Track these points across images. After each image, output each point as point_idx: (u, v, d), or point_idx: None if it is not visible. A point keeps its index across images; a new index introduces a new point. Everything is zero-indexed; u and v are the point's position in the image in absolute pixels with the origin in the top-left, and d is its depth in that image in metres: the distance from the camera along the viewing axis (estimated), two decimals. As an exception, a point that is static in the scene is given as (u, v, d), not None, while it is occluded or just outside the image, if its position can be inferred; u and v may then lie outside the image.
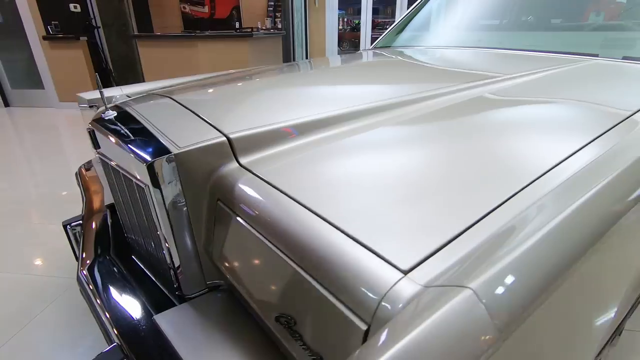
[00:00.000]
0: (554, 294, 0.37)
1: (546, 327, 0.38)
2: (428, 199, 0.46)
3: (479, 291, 0.29)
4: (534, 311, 0.32)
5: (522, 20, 1.55)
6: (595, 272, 0.46)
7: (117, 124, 0.70)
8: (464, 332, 0.26)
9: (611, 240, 0.48)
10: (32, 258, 1.62)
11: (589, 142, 0.60)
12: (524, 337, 0.34)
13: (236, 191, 0.56)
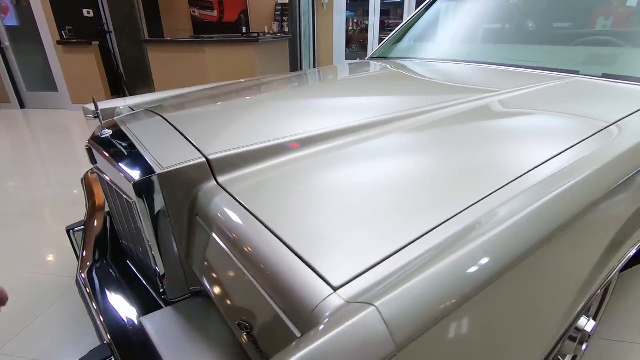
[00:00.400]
0: (471, 307, 0.42)
1: (476, 333, 0.43)
2: (377, 219, 0.52)
3: (383, 309, 0.34)
4: (441, 326, 0.38)
5: (512, 35, 1.59)
6: (531, 284, 0.51)
7: (111, 143, 0.77)
8: (362, 345, 0.32)
9: (544, 257, 0.53)
10: (41, 258, 1.72)
11: (531, 169, 0.65)
12: (450, 344, 0.39)
13: (210, 208, 0.63)
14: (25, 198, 2.33)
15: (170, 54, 4.40)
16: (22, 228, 1.98)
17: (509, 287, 0.49)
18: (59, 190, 2.43)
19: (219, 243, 0.59)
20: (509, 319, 0.50)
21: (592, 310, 1.05)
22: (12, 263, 1.68)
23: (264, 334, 0.47)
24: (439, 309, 0.37)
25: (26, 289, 1.51)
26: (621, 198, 0.67)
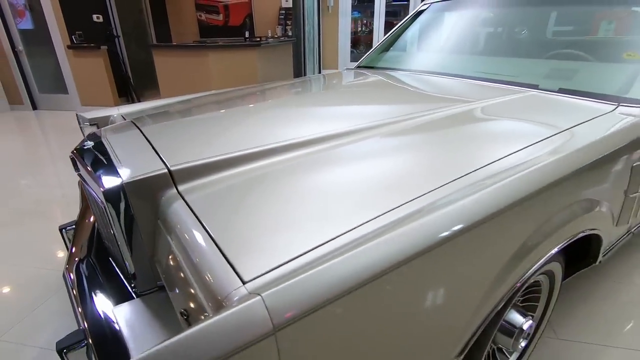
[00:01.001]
0: (355, 299, 0.51)
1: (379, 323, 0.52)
2: (301, 224, 0.61)
3: (267, 298, 0.44)
4: (321, 314, 0.47)
5: (483, 48, 1.66)
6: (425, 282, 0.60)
7: (90, 153, 0.88)
8: (242, 326, 0.41)
9: (438, 255, 0.61)
10: (46, 253, 1.85)
11: (465, 174, 0.73)
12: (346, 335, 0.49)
13: (168, 213, 0.73)
14: (35, 196, 2.48)
15: (174, 59, 4.54)
16: (29, 225, 2.12)
17: (401, 282, 0.57)
18: (66, 190, 2.58)
19: (170, 244, 0.69)
20: (398, 310, 0.59)
21: (537, 312, 1.12)
22: (18, 257, 1.82)
23: (194, 320, 0.56)
24: (319, 300, 0.46)
25: (31, 281, 1.64)
26: (537, 203, 0.75)
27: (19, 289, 1.60)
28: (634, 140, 0.97)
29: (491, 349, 1.06)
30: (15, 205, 2.36)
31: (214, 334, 0.40)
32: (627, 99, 1.13)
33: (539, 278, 1.01)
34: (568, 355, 1.25)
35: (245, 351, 0.41)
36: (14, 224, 2.14)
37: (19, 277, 1.67)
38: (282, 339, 0.44)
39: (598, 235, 0.98)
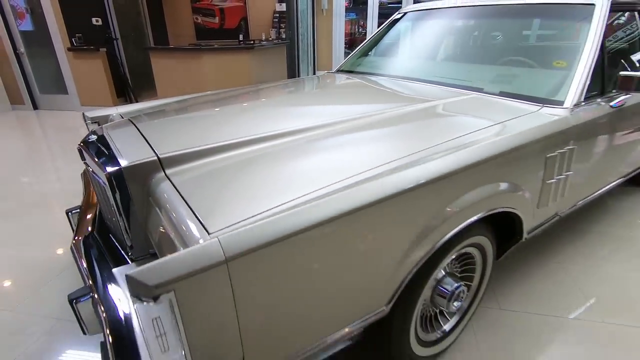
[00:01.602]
0: (291, 245, 0.70)
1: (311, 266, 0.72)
2: (260, 196, 0.79)
3: (223, 239, 0.63)
4: (266, 251, 0.66)
5: (443, 55, 1.86)
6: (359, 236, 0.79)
7: (95, 145, 1.07)
8: (199, 255, 0.60)
9: (364, 222, 0.80)
10: (51, 239, 2.03)
11: (398, 158, 0.92)
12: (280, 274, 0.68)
13: (157, 191, 0.92)
14: (38, 190, 2.66)
15: (171, 61, 4.73)
16: (33, 215, 2.30)
17: (335, 236, 0.77)
18: (65, 185, 2.76)
19: (159, 215, 0.88)
20: (332, 259, 0.78)
21: (474, 281, 1.31)
22: (26, 243, 2.00)
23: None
24: (261, 242, 0.66)
25: (37, 263, 1.83)
26: (458, 180, 0.95)
27: (27, 269, 1.79)
28: (548, 135, 1.17)
29: (433, 312, 1.26)
30: (21, 198, 2.55)
31: (182, 260, 0.59)
32: (550, 101, 1.33)
33: (470, 250, 1.21)
34: (507, 322, 1.45)
35: (206, 273, 0.60)
36: (21, 214, 2.32)
37: (27, 259, 1.86)
38: (233, 268, 0.63)
39: (518, 215, 1.18)
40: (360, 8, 9.11)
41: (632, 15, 1.74)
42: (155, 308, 0.61)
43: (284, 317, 0.75)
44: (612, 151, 1.52)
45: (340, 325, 0.87)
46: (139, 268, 0.57)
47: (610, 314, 1.48)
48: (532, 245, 1.93)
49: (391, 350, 1.09)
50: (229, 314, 0.66)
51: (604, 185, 1.62)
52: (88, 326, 0.96)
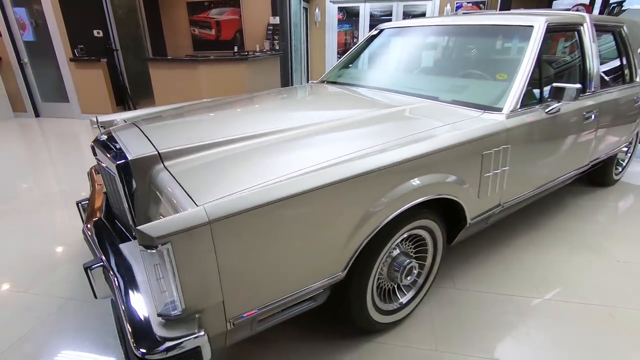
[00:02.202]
0: (265, 213, 0.92)
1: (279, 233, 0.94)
2: (242, 179, 1.01)
3: (207, 207, 0.85)
4: (244, 216, 0.88)
5: (408, 69, 2.11)
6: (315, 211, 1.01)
7: (105, 143, 1.29)
8: (186, 217, 0.82)
9: (325, 200, 1.03)
10: (56, 233, 2.24)
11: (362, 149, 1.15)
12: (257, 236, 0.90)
13: (157, 180, 1.14)
14: (41, 190, 2.87)
15: (168, 71, 4.97)
16: (38, 212, 2.51)
17: (297, 210, 0.99)
18: (67, 185, 2.97)
19: (159, 198, 1.10)
20: (296, 227, 1.00)
21: (427, 260, 1.53)
22: (35, 235, 2.20)
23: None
24: (239, 210, 0.88)
25: (46, 252, 2.03)
26: (404, 169, 1.17)
27: (36, 259, 1.99)
28: (483, 135, 1.40)
29: (391, 287, 1.47)
30: (27, 198, 2.75)
31: (176, 220, 0.81)
32: (491, 108, 1.57)
33: (420, 233, 1.43)
34: (461, 299, 1.67)
35: (194, 230, 0.82)
36: (27, 212, 2.52)
37: (35, 250, 2.06)
38: (214, 228, 0.85)
39: (460, 203, 1.41)
40: (353, 20, 9.48)
41: (573, 34, 2.00)
42: (156, 256, 0.82)
43: (256, 271, 0.97)
44: (549, 152, 1.76)
45: (303, 283, 1.08)
46: (146, 225, 0.79)
47: (548, 291, 1.71)
48: (491, 235, 2.16)
49: (352, 313, 1.30)
50: (212, 265, 0.88)
51: (546, 182, 1.85)
52: (98, 291, 1.17)
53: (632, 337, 1.46)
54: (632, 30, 2.43)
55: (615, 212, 2.46)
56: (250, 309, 1.00)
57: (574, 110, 1.83)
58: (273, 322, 1.12)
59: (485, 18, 1.94)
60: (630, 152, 2.87)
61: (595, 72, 2.01)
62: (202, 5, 6.82)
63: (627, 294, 1.70)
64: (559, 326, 1.51)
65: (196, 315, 0.91)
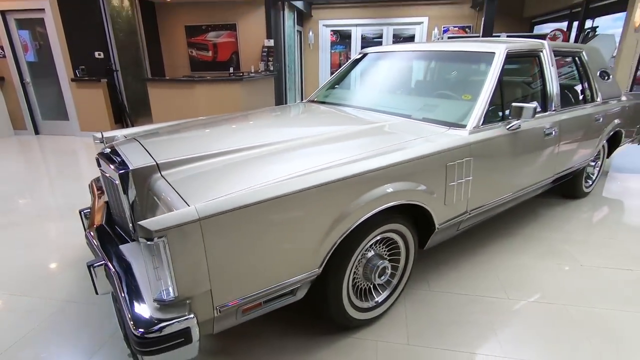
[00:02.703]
0: (247, 214, 1.08)
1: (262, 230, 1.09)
2: (232, 184, 1.17)
3: (198, 207, 1.00)
4: (230, 216, 1.04)
5: (386, 89, 2.31)
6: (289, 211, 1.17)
7: (108, 155, 1.45)
8: (179, 215, 0.97)
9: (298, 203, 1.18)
10: (55, 242, 2.36)
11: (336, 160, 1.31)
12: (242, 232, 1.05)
13: (155, 187, 1.29)
14: (40, 205, 2.99)
15: (166, 90, 5.18)
16: (38, 225, 2.63)
17: (280, 207, 1.14)
18: (66, 199, 3.10)
19: (157, 201, 1.25)
20: (278, 227, 1.15)
21: (400, 262, 1.68)
22: (36, 245, 2.32)
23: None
24: (226, 209, 1.03)
25: (47, 260, 2.15)
26: (375, 177, 1.33)
27: (39, 265, 2.11)
28: (447, 149, 1.58)
29: (367, 287, 1.61)
30: (27, 211, 2.87)
31: (171, 217, 0.96)
32: (457, 125, 1.76)
33: (392, 236, 1.58)
34: (434, 300, 1.80)
35: (187, 226, 0.97)
36: (28, 224, 2.64)
37: (36, 258, 2.18)
38: (204, 225, 1.00)
39: (427, 210, 1.57)
40: (346, 42, 9.89)
41: (533, 59, 2.22)
42: (153, 247, 0.96)
43: (240, 264, 1.11)
44: (512, 164, 1.94)
45: (283, 277, 1.22)
46: (146, 220, 0.95)
47: (514, 292, 1.85)
48: (465, 242, 2.31)
49: (330, 309, 1.44)
50: (201, 257, 1.03)
51: (511, 192, 2.02)
52: (99, 287, 1.30)
53: (585, 330, 1.60)
54: (591, 56, 2.67)
55: (583, 222, 2.64)
56: (235, 298, 1.14)
57: (535, 127, 2.03)
58: (256, 313, 1.25)
59: (454, 45, 2.15)
60: (599, 166, 3.07)
61: (555, 93, 2.22)
62: (200, 29, 7.13)
63: (585, 293, 1.85)
64: (521, 323, 1.65)
65: (187, 301, 1.04)
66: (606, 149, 3.04)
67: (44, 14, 5.23)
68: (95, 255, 1.40)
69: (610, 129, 2.75)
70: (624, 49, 4.97)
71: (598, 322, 1.66)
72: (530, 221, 2.64)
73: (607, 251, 2.24)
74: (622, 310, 1.73)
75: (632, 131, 3.21)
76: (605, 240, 2.37)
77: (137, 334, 0.97)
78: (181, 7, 6.99)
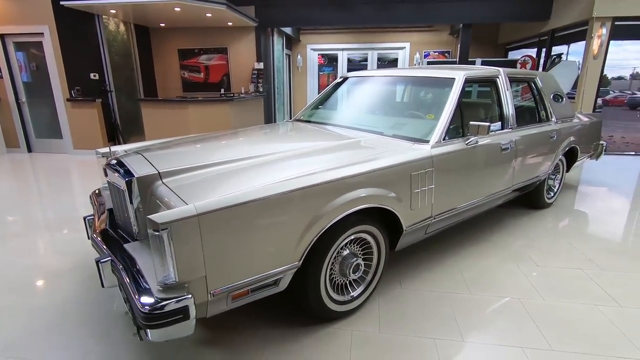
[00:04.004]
0: (239, 211, 1.29)
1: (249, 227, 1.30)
2: (226, 188, 1.38)
3: (197, 204, 1.21)
4: (223, 213, 1.25)
5: (362, 109, 2.58)
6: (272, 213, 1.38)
7: (115, 166, 1.66)
8: (178, 212, 1.18)
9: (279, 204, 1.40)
10: (53, 251, 2.50)
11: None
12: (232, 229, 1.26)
13: (157, 192, 1.50)
14: (36, 218, 3.13)
15: (159, 110, 5.41)
16: (37, 236, 2.77)
17: (265, 207, 1.36)
18: (62, 214, 3.24)
19: (160, 205, 1.45)
20: (264, 223, 1.37)
21: (373, 261, 1.89)
22: (35, 254, 2.46)
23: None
24: (220, 207, 1.24)
25: (46, 268, 2.29)
26: (348, 183, 1.56)
27: (40, 271, 2.25)
28: (410, 160, 1.83)
29: (344, 282, 1.81)
30: (24, 223, 3.01)
31: (174, 213, 1.17)
32: (420, 140, 2.02)
33: (364, 236, 1.80)
34: (406, 297, 2.01)
35: (187, 220, 1.18)
36: (26, 235, 2.78)
37: (36, 266, 2.32)
38: (201, 220, 1.21)
39: (395, 213, 1.80)
40: (334, 64, 10.34)
41: (491, 84, 2.53)
42: (159, 238, 1.16)
43: (231, 255, 1.31)
44: (472, 175, 2.20)
45: (268, 268, 1.43)
46: (154, 214, 1.15)
47: (476, 289, 2.07)
48: (436, 248, 2.54)
49: (309, 300, 1.64)
50: (198, 247, 1.23)
51: (472, 200, 2.27)
52: (106, 280, 1.48)
53: (536, 319, 1.82)
54: (545, 81, 3.01)
55: (545, 230, 2.90)
56: (226, 284, 1.33)
57: (492, 143, 2.31)
58: (244, 300, 1.44)
59: (422, 71, 2.45)
60: (559, 179, 3.37)
61: (511, 113, 2.52)
62: (193, 52, 7.45)
63: (538, 288, 2.08)
64: (482, 314, 1.86)
65: (185, 284, 1.24)
66: (564, 164, 3.35)
67: (43, 37, 5.47)
68: (101, 253, 1.58)
69: (566, 145, 3.07)
70: (587, 74, 5.43)
71: (547, 312, 1.88)
72: (497, 229, 2.89)
73: (564, 255, 2.49)
74: (570, 302, 1.96)
75: (589, 147, 3.55)
76: (564, 246, 2.63)
77: (143, 310, 1.16)
78: (174, 32, 7.32)
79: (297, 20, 7.12)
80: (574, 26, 5.86)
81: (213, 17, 6.12)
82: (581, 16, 5.40)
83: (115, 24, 6.09)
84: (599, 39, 5.27)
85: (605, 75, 5.66)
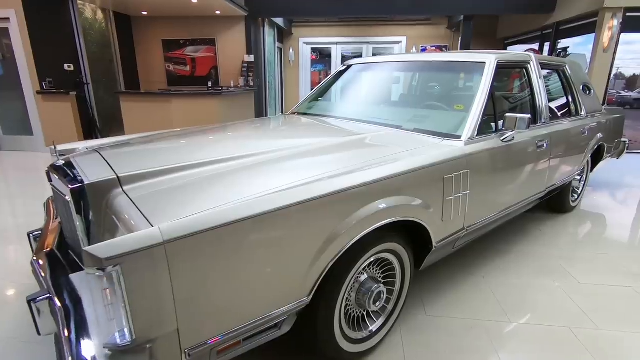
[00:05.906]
0: (214, 237, 0.90)
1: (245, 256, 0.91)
2: (195, 203, 0.99)
3: (162, 227, 0.82)
4: (194, 239, 0.86)
5: (374, 101, 2.21)
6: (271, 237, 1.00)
7: (61, 168, 1.25)
8: (141, 237, 0.79)
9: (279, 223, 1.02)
10: (4, 270, 2.07)
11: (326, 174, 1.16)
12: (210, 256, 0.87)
13: (114, 204, 1.10)
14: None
15: (139, 104, 4.95)
16: None
17: (261, 228, 0.97)
18: (20, 220, 2.80)
19: (115, 222, 1.05)
20: (257, 250, 0.98)
21: (396, 285, 1.52)
22: (-22, 274, 2.03)
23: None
24: (190, 232, 0.85)
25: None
26: (369, 190, 1.19)
27: None
28: (444, 160, 1.46)
29: (360, 314, 1.44)
30: (-24, 233, 2.56)
31: (129, 240, 0.78)
32: (451, 135, 1.65)
33: (387, 256, 1.43)
34: (432, 325, 1.65)
35: (148, 251, 0.79)
36: (-25, 248, 2.33)
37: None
38: (169, 249, 0.82)
39: (425, 227, 1.43)
40: (326, 60, 9.95)
41: (522, 72, 2.18)
42: (105, 279, 0.77)
43: (215, 297, 0.93)
44: (508, 177, 1.85)
45: (266, 310, 1.04)
46: (94, 245, 0.76)
47: (515, 314, 1.72)
48: (458, 262, 2.19)
49: (319, 342, 1.26)
50: (166, 289, 0.84)
51: (507, 207, 1.93)
52: (42, 326, 1.07)
53: (593, 353, 1.48)
54: (573, 70, 2.68)
55: (573, 237, 2.57)
56: (208, 338, 0.94)
57: (527, 139, 1.96)
58: (234, 353, 1.06)
59: (444, 55, 2.08)
60: (584, 180, 3.05)
61: (544, 105, 2.17)
62: (178, 43, 6.97)
63: (586, 312, 1.74)
64: (527, 348, 1.51)
65: (147, 345, 0.85)
66: (590, 163, 3.03)
67: (9, 23, 4.95)
68: (41, 286, 1.17)
69: (595, 143, 2.75)
70: (596, 68, 5.16)
71: (605, 344, 1.54)
72: (520, 238, 2.56)
73: (603, 268, 2.16)
74: (629, 330, 1.63)
75: (611, 146, 3.24)
76: (600, 257, 2.30)
77: (79, 392, 0.76)
78: (158, 22, 6.83)
79: (290, 10, 6.70)
80: (579, 18, 5.59)
81: (199, 5, 5.66)
82: (590, 7, 5.12)
83: (92, 11, 5.59)
84: (610, 30, 5.00)
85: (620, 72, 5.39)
